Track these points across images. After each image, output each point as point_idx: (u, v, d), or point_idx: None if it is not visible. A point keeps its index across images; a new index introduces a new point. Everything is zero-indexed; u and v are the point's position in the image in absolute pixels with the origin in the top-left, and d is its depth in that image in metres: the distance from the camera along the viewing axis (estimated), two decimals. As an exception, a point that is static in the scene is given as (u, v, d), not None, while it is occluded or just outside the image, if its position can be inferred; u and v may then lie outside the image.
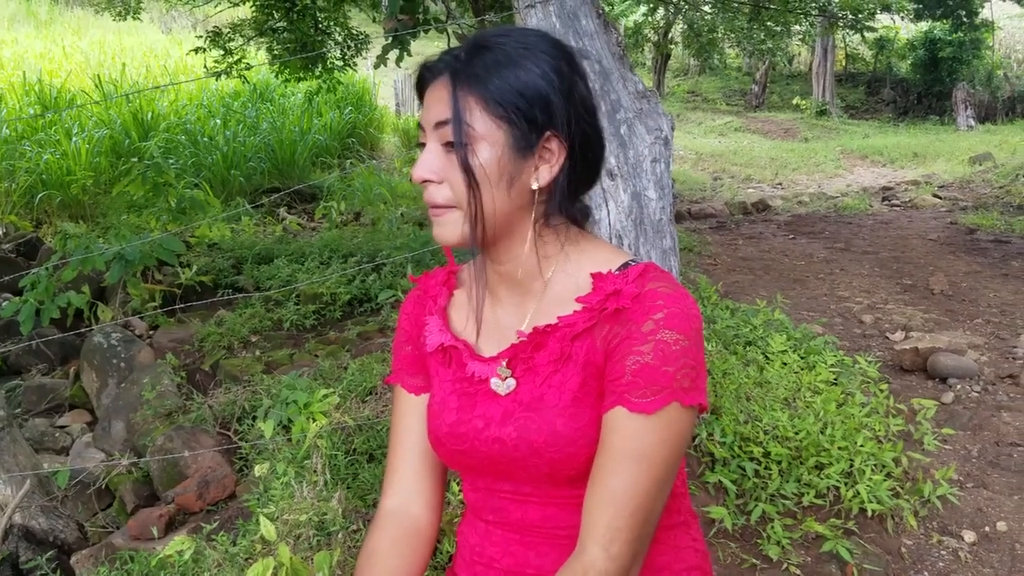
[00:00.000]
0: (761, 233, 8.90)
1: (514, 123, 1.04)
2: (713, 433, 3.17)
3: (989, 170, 12.62)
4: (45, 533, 3.31)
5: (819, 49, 21.05)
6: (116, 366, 4.71)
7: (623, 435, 1.03)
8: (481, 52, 1.05)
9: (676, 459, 1.05)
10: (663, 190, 2.84)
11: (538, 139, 1.06)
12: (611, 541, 1.01)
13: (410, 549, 1.25)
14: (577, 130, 1.08)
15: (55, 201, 8.20)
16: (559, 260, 1.14)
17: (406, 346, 1.28)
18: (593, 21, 2.70)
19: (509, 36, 1.07)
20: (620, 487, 1.02)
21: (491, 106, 1.04)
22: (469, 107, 1.04)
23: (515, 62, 1.04)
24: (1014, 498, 3.21)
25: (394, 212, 8.85)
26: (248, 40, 8.64)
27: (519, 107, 1.04)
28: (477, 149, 1.04)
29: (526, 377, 1.12)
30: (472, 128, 1.04)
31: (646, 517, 1.03)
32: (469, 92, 1.04)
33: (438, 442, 1.19)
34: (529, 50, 1.05)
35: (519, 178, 1.07)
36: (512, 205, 1.08)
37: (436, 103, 1.06)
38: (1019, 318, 5.40)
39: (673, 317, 1.03)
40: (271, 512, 2.47)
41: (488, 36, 1.07)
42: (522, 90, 1.04)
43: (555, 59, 1.06)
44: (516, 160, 1.06)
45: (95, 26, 16.75)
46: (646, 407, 1.02)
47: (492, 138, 1.04)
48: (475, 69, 1.04)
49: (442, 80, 1.06)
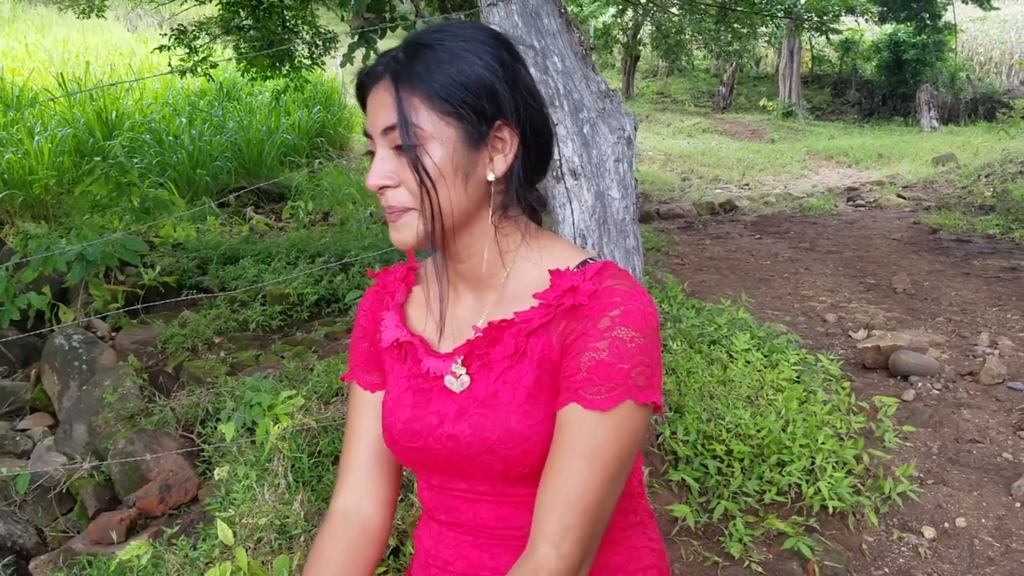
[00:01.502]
0: (728, 233, 8.97)
1: (463, 117, 1.03)
2: (676, 431, 3.18)
3: (952, 171, 12.81)
4: (3, 538, 3.25)
5: (785, 51, 21.25)
6: (78, 368, 4.64)
7: (576, 432, 1.02)
8: (420, 51, 1.04)
9: (629, 457, 1.05)
10: (626, 190, 2.84)
11: (489, 129, 1.05)
12: (562, 539, 1.00)
13: (359, 548, 1.24)
14: (526, 116, 1.08)
15: (17, 201, 8.06)
16: (518, 255, 1.14)
17: (363, 343, 1.27)
18: (555, 20, 2.70)
19: (447, 31, 1.06)
20: (571, 484, 1.01)
21: (437, 103, 1.02)
22: (415, 107, 1.02)
23: (456, 56, 1.03)
24: (973, 494, 3.26)
25: (363, 212, 8.80)
26: (214, 38, 8.56)
27: (466, 100, 1.03)
28: (428, 149, 1.03)
29: (481, 373, 1.11)
30: (420, 128, 1.02)
31: (597, 515, 1.02)
32: (413, 92, 1.02)
33: (392, 439, 1.18)
34: (469, 43, 1.04)
35: (474, 172, 1.06)
36: (470, 200, 1.07)
37: (380, 108, 1.05)
38: (980, 317, 5.49)
39: (629, 314, 1.03)
40: (231, 516, 2.45)
41: (425, 34, 1.05)
42: (466, 83, 1.03)
43: (496, 49, 1.06)
44: (469, 154, 1.05)
45: (59, 24, 16.49)
46: (600, 404, 1.01)
47: (442, 135, 1.03)
48: (416, 68, 1.03)
49: (383, 84, 1.05)
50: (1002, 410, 3.99)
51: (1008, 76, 21.86)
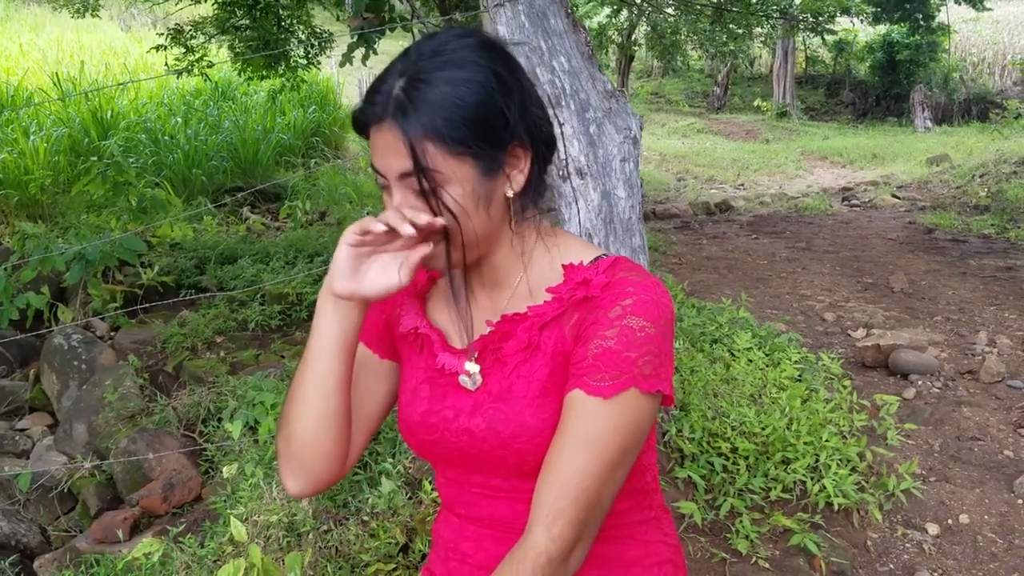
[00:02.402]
0: (724, 233, 8.99)
1: (478, 153, 1.02)
2: (682, 429, 3.19)
3: (946, 171, 12.85)
4: (7, 537, 3.25)
5: (780, 51, 21.28)
6: (77, 368, 4.63)
7: (577, 417, 1.03)
8: (419, 88, 1.00)
9: (631, 445, 1.05)
10: (632, 189, 2.85)
11: (504, 155, 1.05)
12: (553, 521, 1.01)
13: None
14: (534, 127, 1.08)
15: (12, 201, 8.02)
16: (534, 254, 1.15)
17: (380, 315, 1.26)
18: (562, 20, 2.71)
19: (441, 56, 1.02)
20: (568, 468, 1.01)
21: (451, 145, 1.01)
22: (429, 153, 1.00)
23: (458, 88, 1.00)
24: (975, 491, 3.28)
25: (360, 211, 8.79)
26: (210, 38, 8.52)
27: (478, 137, 1.01)
28: (448, 189, 1.02)
29: (495, 368, 1.12)
30: (438, 172, 1.01)
31: (592, 501, 1.02)
32: (424, 137, 1.00)
33: (409, 431, 1.18)
34: (465, 68, 1.02)
35: (495, 195, 1.07)
36: (493, 222, 1.08)
37: (392, 154, 1.02)
38: (977, 315, 5.51)
39: (641, 304, 1.04)
40: (240, 514, 2.45)
41: (422, 66, 1.02)
42: (476, 118, 1.01)
43: (492, 65, 1.03)
44: (487, 183, 1.05)
45: (53, 23, 16.42)
46: (603, 391, 1.02)
47: (459, 174, 1.02)
48: (420, 111, 1.00)
49: (388, 126, 1.02)
50: (1002, 408, 4.02)
51: (1001, 77, 21.94)
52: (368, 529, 2.45)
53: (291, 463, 1.16)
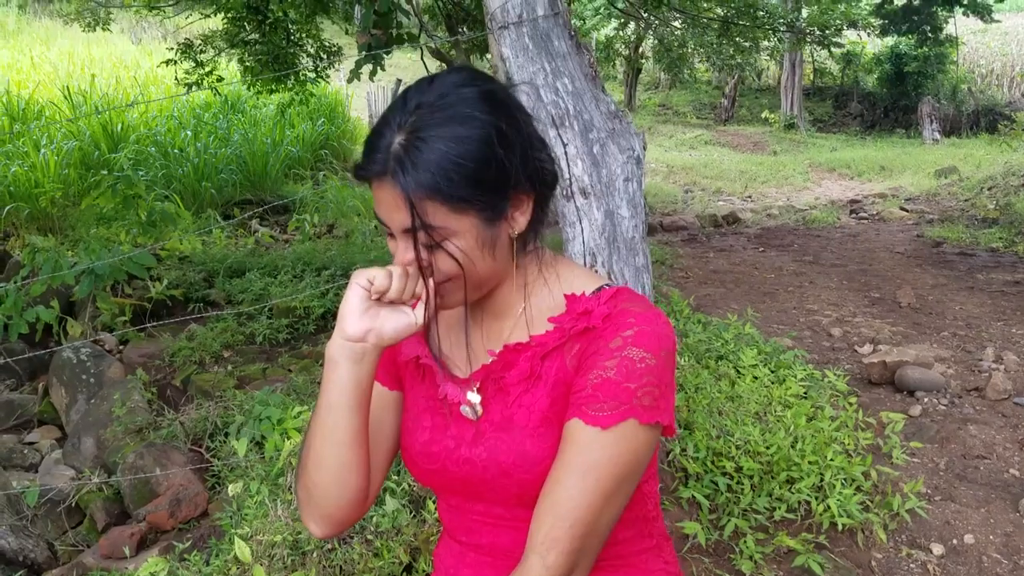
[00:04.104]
0: (731, 246, 8.99)
1: (480, 207, 1.03)
2: (686, 448, 3.19)
3: (954, 183, 12.83)
4: (15, 552, 3.26)
5: (787, 64, 21.28)
6: (86, 382, 4.66)
7: (575, 446, 1.03)
8: (419, 146, 0.99)
9: (628, 476, 1.05)
10: (635, 208, 2.87)
11: (507, 203, 1.06)
12: (548, 550, 1.01)
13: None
14: (535, 172, 1.08)
15: (23, 214, 8.09)
16: (537, 283, 1.16)
17: None
18: (566, 42, 2.72)
19: (441, 112, 1.01)
20: (564, 497, 1.02)
21: (454, 203, 1.01)
22: (432, 212, 1.00)
23: (458, 146, 0.99)
24: (981, 511, 3.27)
25: (367, 224, 8.83)
26: (220, 52, 8.59)
27: (479, 192, 1.02)
28: (453, 241, 1.03)
29: (497, 397, 1.13)
30: (441, 228, 1.02)
31: (588, 530, 1.03)
32: (426, 197, 1.00)
33: (411, 460, 1.20)
34: (466, 125, 1.00)
35: (499, 239, 1.07)
36: (499, 263, 1.09)
37: (394, 210, 1.02)
38: (984, 331, 5.50)
39: (643, 336, 1.04)
40: (245, 532, 2.46)
41: (421, 122, 1.00)
42: (476, 174, 1.01)
43: (494, 118, 1.02)
44: (491, 230, 1.06)
45: (64, 36, 16.57)
46: (602, 421, 1.02)
47: (463, 226, 1.03)
48: (420, 170, 0.99)
49: (390, 184, 1.01)
50: (1008, 426, 4.00)
51: (1010, 88, 21.92)
52: (372, 548, 2.46)
53: (312, 510, 1.17)
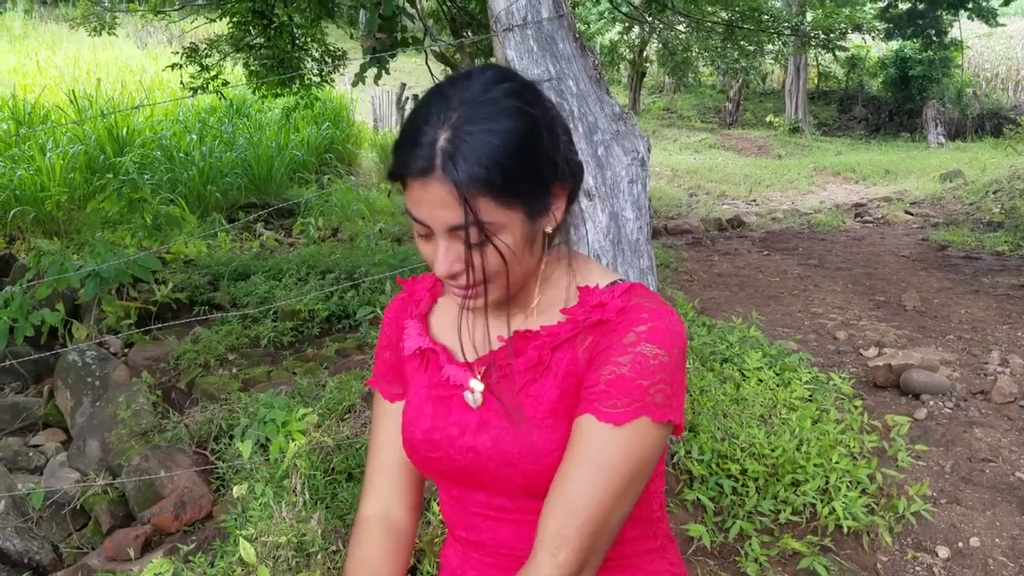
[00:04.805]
0: (736, 249, 8.98)
1: (528, 201, 1.02)
2: (691, 451, 3.19)
3: (959, 187, 12.82)
4: (20, 554, 3.27)
5: (792, 67, 21.29)
6: (91, 384, 4.67)
7: (587, 443, 1.03)
8: (467, 140, 0.97)
9: (640, 474, 1.05)
10: (640, 210, 2.87)
11: (549, 196, 1.05)
12: (558, 547, 1.01)
13: (394, 552, 1.26)
14: (570, 162, 1.07)
15: (29, 217, 8.12)
16: (554, 275, 1.16)
17: (385, 352, 1.28)
18: (570, 45, 2.73)
19: (485, 106, 0.99)
20: (575, 494, 1.02)
21: (503, 196, 0.99)
22: (483, 208, 0.98)
23: (506, 138, 0.98)
24: (987, 514, 3.26)
25: (372, 228, 8.84)
26: (225, 56, 8.62)
27: (529, 184, 1.01)
28: (500, 237, 1.01)
29: (503, 385, 1.12)
30: (491, 223, 1.00)
31: (598, 527, 1.03)
32: (477, 192, 0.97)
33: (412, 448, 1.19)
34: (512, 117, 0.99)
35: (538, 235, 1.07)
36: (535, 258, 1.09)
37: (441, 208, 0.99)
38: (990, 335, 5.49)
39: (656, 332, 1.04)
40: (250, 533, 2.46)
41: (466, 115, 0.98)
42: (527, 168, 0.99)
43: (534, 110, 1.02)
44: (534, 224, 1.04)
45: (69, 41, 16.63)
46: (615, 417, 1.02)
47: (512, 222, 1.01)
48: (471, 163, 0.96)
49: (438, 180, 0.97)
50: (1014, 429, 3.99)
51: (1015, 92, 21.90)
52: (377, 550, 2.46)
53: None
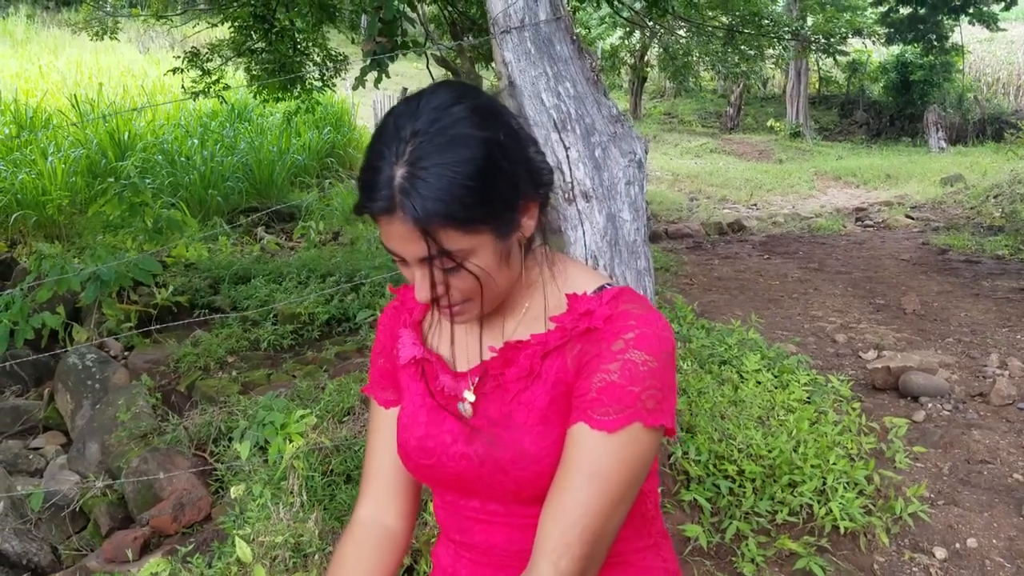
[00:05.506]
0: (736, 253, 8.99)
1: (494, 223, 1.01)
2: (688, 451, 3.19)
3: (960, 191, 12.82)
4: (19, 556, 3.28)
5: (793, 72, 21.30)
6: (91, 387, 4.68)
7: (582, 451, 1.04)
8: (424, 177, 0.95)
9: (635, 480, 1.06)
10: (637, 212, 2.88)
11: (516, 212, 1.04)
12: (560, 556, 1.02)
13: (381, 555, 1.26)
14: (535, 171, 1.06)
15: (30, 221, 8.14)
16: (540, 282, 1.16)
17: (379, 359, 1.29)
18: (568, 47, 2.74)
19: (438, 137, 0.96)
20: (573, 503, 1.03)
21: (468, 225, 0.98)
22: (447, 238, 0.97)
23: (463, 168, 0.96)
24: (984, 515, 3.26)
25: (373, 232, 8.85)
26: (226, 61, 8.65)
27: (492, 209, 1.00)
28: (473, 260, 1.01)
29: (495, 393, 1.13)
30: (459, 251, 0.99)
31: (597, 535, 1.04)
32: (438, 226, 0.96)
33: (406, 455, 1.20)
34: (467, 146, 0.97)
35: (511, 249, 1.06)
36: (513, 270, 1.09)
37: (407, 242, 0.99)
38: (989, 338, 5.49)
39: (644, 338, 1.05)
40: (247, 534, 2.47)
41: (420, 150, 0.96)
42: (487, 194, 0.98)
43: (491, 132, 0.99)
44: (505, 241, 1.04)
45: (72, 45, 16.67)
46: (607, 425, 1.03)
47: (481, 244, 1.01)
48: (428, 200, 0.95)
49: (400, 219, 0.97)
50: (1012, 431, 3.99)
51: (1016, 96, 21.90)
52: (374, 550, 2.46)
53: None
